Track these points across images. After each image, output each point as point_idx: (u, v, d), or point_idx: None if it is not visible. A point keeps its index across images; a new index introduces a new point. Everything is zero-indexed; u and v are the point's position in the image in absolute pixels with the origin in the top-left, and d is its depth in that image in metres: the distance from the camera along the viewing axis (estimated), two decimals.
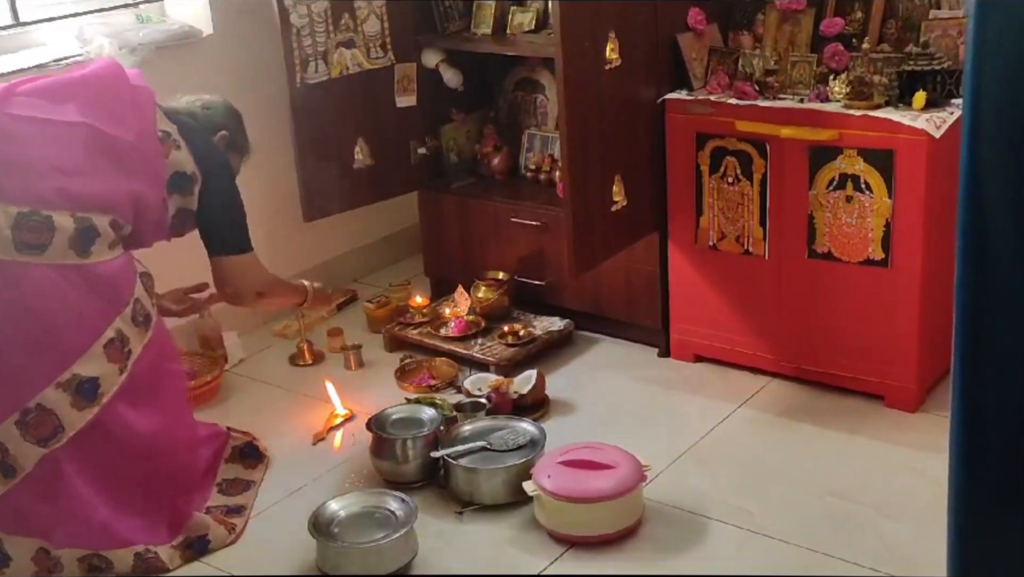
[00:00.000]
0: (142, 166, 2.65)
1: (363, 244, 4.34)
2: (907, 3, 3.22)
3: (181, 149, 2.72)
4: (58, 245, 2.47)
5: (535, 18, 3.70)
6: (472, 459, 2.88)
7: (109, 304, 2.56)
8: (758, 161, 3.14)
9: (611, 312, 3.63)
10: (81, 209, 2.51)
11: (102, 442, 2.57)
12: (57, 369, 2.48)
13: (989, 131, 1.09)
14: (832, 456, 2.97)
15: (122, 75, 2.72)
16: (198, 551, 2.73)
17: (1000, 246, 1.13)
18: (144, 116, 2.68)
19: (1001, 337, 1.16)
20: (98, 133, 2.58)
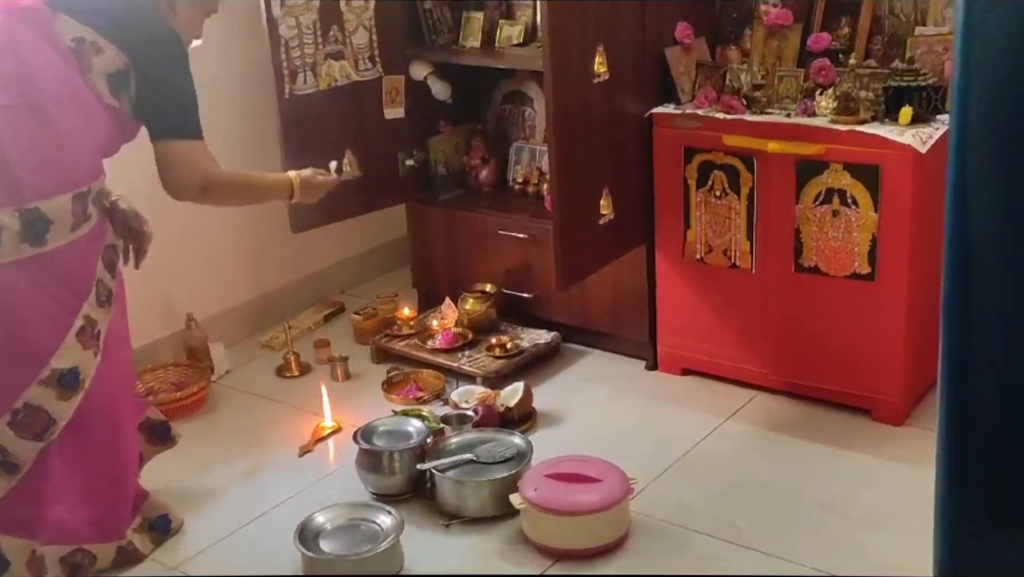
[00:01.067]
0: (71, 110, 2.44)
1: (351, 256, 4.34)
2: (893, 19, 3.25)
3: (103, 50, 2.47)
4: (8, 243, 2.38)
5: (523, 31, 3.71)
6: (459, 472, 2.88)
7: (74, 294, 2.50)
8: (745, 175, 3.16)
9: (598, 325, 3.63)
10: (27, 200, 2.39)
11: (84, 423, 2.57)
12: (36, 368, 2.48)
13: (976, 148, 1.10)
14: (819, 469, 2.98)
15: (8, 3, 2.44)
16: (162, 532, 2.78)
17: (987, 262, 1.14)
18: (47, 48, 2.42)
19: (988, 352, 1.17)
20: (11, 111, 2.38)
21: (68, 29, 2.47)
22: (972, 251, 1.15)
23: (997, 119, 1.09)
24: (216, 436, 3.32)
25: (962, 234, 1.14)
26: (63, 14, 2.47)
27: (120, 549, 2.69)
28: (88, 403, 2.56)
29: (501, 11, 3.81)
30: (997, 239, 1.13)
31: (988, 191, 1.12)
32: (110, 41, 2.49)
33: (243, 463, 3.17)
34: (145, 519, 2.78)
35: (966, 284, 1.16)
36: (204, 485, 3.05)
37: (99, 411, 2.60)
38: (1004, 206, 1.13)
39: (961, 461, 1.22)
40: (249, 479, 3.10)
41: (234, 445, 3.26)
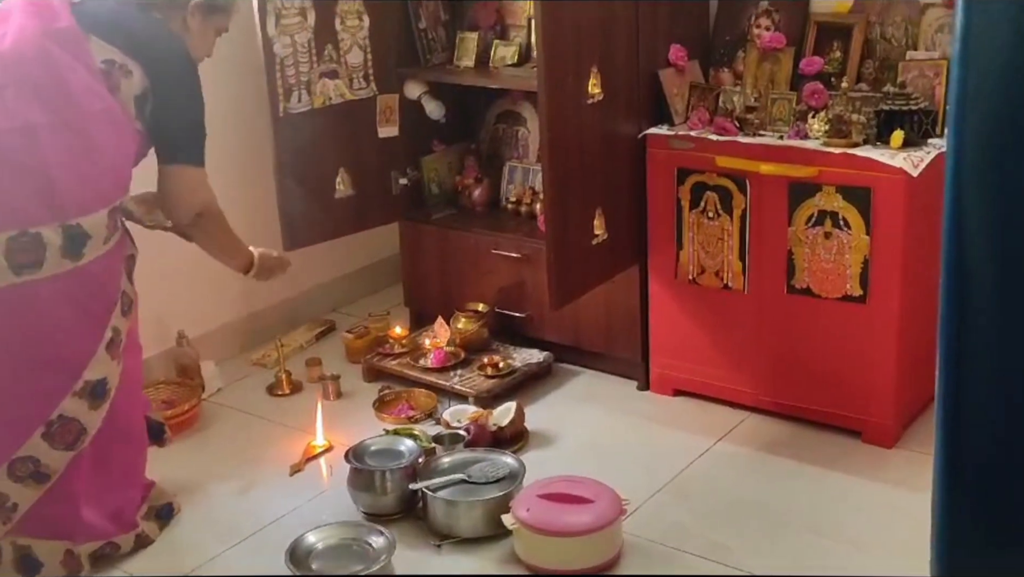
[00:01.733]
0: (104, 128, 2.51)
1: (343, 274, 4.34)
2: (884, 44, 3.28)
3: (131, 72, 2.56)
4: (51, 259, 2.47)
5: (518, 52, 3.73)
6: (451, 491, 2.87)
7: (104, 307, 2.59)
8: (738, 197, 3.17)
9: (591, 345, 3.64)
10: (71, 217, 2.46)
11: (110, 428, 2.66)
12: (71, 380, 2.55)
13: (971, 174, 1.11)
14: (810, 491, 2.98)
15: (46, 25, 2.48)
16: (166, 518, 2.91)
17: (983, 287, 1.15)
18: (81, 68, 2.48)
19: (984, 376, 1.17)
20: (52, 128, 2.43)
21: (99, 50, 2.54)
22: (968, 277, 1.16)
23: (993, 146, 1.10)
24: (207, 454, 3.30)
25: (958, 260, 1.15)
26: (94, 36, 2.54)
27: (137, 537, 2.81)
28: (111, 408, 2.64)
29: (495, 31, 3.83)
30: (992, 265, 1.14)
31: (984, 217, 1.13)
32: (136, 62, 2.57)
33: (234, 481, 3.15)
34: (151, 507, 2.89)
35: (963, 309, 1.17)
36: (194, 503, 3.04)
37: (119, 414, 2.68)
38: (1000, 231, 1.14)
39: (958, 482, 1.22)
40: (240, 498, 3.08)
41: (225, 463, 3.25)
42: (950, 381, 1.19)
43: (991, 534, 1.22)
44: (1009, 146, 1.08)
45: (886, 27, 3.27)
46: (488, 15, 3.82)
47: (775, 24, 3.38)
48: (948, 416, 1.21)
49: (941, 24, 3.17)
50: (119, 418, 2.69)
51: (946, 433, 1.22)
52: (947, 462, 1.22)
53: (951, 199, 1.14)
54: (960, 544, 1.23)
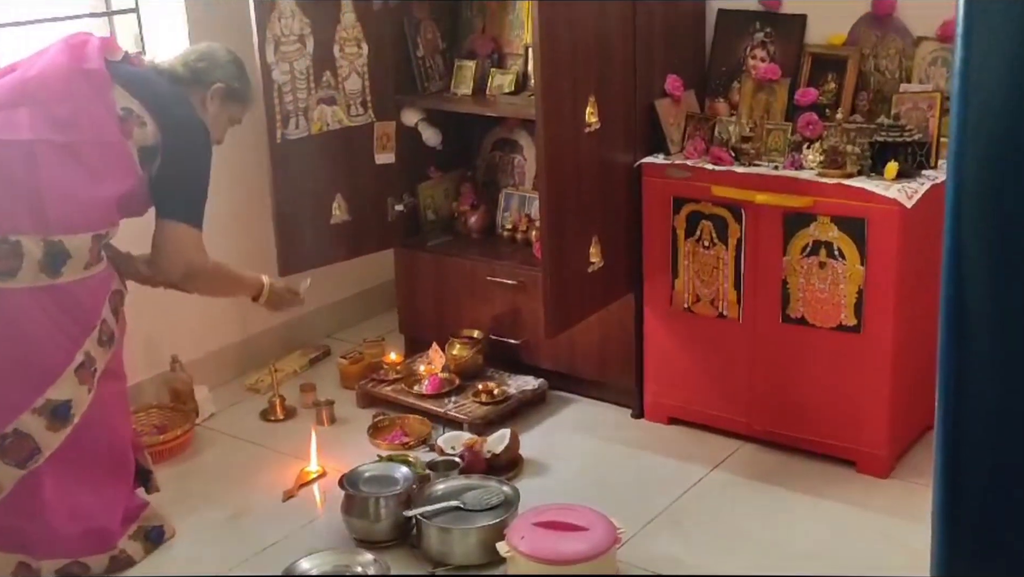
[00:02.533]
0: (107, 160, 2.60)
1: (338, 299, 4.34)
2: (878, 76, 3.31)
3: (146, 124, 2.66)
4: (28, 269, 2.49)
5: (515, 80, 3.75)
6: (445, 519, 2.86)
7: (80, 328, 2.59)
8: (733, 226, 3.18)
9: (585, 372, 3.64)
10: (54, 232, 2.51)
11: (76, 451, 2.64)
12: (32, 395, 2.54)
13: (971, 208, 1.12)
14: (804, 521, 2.98)
15: (75, 62, 2.62)
16: (155, 541, 2.88)
17: (982, 319, 1.16)
18: (101, 108, 2.60)
19: (983, 406, 1.18)
20: (54, 147, 2.52)
21: (121, 98, 2.66)
22: (968, 310, 1.17)
23: (992, 180, 1.11)
24: (199, 480, 3.29)
25: (958, 294, 1.16)
26: (119, 86, 2.66)
27: (112, 558, 2.78)
28: (81, 433, 2.62)
29: (492, 60, 3.85)
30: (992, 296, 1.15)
31: (983, 252, 1.14)
32: (152, 117, 2.67)
33: (226, 507, 3.14)
34: (141, 528, 2.87)
35: (962, 342, 1.18)
36: (186, 529, 3.02)
37: (92, 440, 2.66)
38: (999, 264, 1.15)
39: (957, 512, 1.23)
40: (232, 524, 3.07)
41: (217, 489, 3.24)
42: (949, 411, 1.20)
43: (991, 563, 1.22)
44: (1008, 180, 1.09)
45: (880, 59, 3.30)
46: (485, 44, 3.85)
47: (770, 55, 3.41)
48: (947, 446, 1.21)
49: (935, 57, 3.21)
50: (91, 444, 2.66)
51: (945, 463, 1.22)
52: (946, 492, 1.22)
53: (951, 232, 1.15)
54: (960, 574, 1.23)
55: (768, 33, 3.43)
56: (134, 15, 3.68)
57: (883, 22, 3.29)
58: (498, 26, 3.89)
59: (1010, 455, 1.17)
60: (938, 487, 1.25)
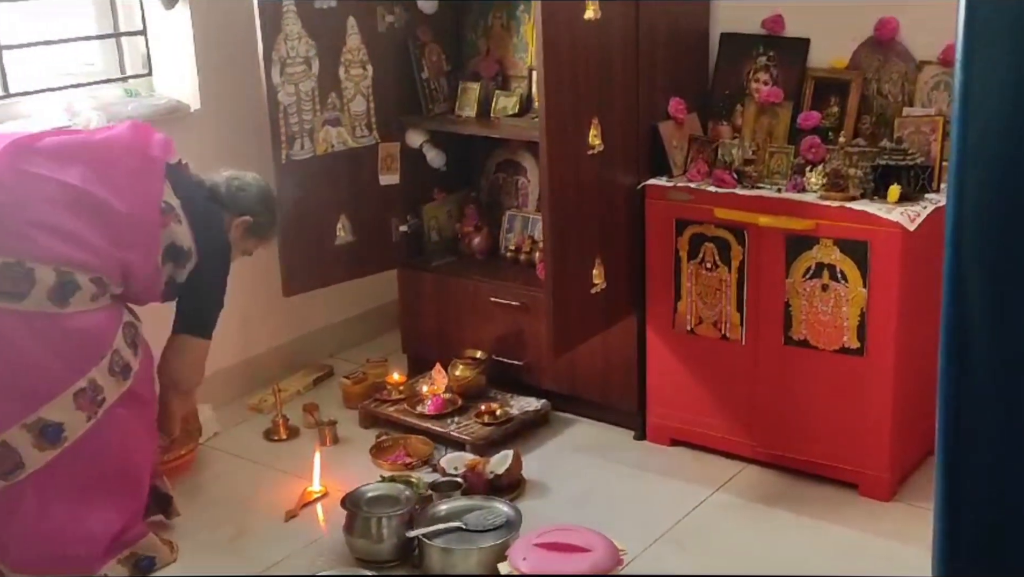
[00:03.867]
0: (134, 237, 2.70)
1: (341, 319, 4.35)
2: (881, 100, 3.33)
3: (181, 223, 2.79)
4: (36, 296, 2.53)
5: (519, 102, 3.77)
6: (447, 539, 2.86)
7: (83, 356, 2.61)
8: (736, 248, 3.19)
9: (588, 394, 3.64)
10: (64, 265, 2.57)
11: (67, 475, 2.63)
12: (23, 412, 2.55)
13: (971, 231, 1.13)
14: (806, 544, 2.97)
15: (138, 144, 2.78)
16: (143, 570, 2.84)
17: (982, 343, 1.16)
18: (148, 188, 2.74)
19: (984, 430, 1.18)
20: (93, 200, 2.63)
21: (167, 194, 2.78)
22: (968, 334, 1.17)
23: (992, 204, 1.12)
24: (202, 499, 3.29)
25: (958, 318, 1.17)
26: (170, 182, 2.79)
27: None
28: (73, 458, 2.61)
29: (497, 82, 3.88)
30: (992, 320, 1.15)
31: (983, 276, 1.15)
32: (189, 221, 2.79)
33: (229, 527, 3.14)
34: (133, 554, 2.84)
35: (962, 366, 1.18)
36: (188, 548, 3.02)
37: (91, 465, 2.66)
38: (999, 287, 1.16)
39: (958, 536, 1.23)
40: (235, 543, 3.07)
41: (220, 508, 3.24)
42: (949, 435, 1.21)
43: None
44: (1009, 204, 1.10)
45: (882, 83, 3.32)
46: (489, 66, 3.88)
47: (773, 79, 3.43)
48: (948, 470, 1.22)
49: (937, 81, 3.22)
50: (88, 469, 2.66)
51: (945, 488, 1.23)
52: (946, 516, 1.23)
53: (951, 254, 1.16)
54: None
55: (771, 57, 3.45)
56: (142, 37, 3.71)
57: (885, 46, 3.31)
58: (502, 48, 3.91)
59: (1010, 479, 1.17)
60: (938, 511, 1.25)
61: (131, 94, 3.64)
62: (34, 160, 2.63)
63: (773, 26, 3.47)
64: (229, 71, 3.71)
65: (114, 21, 3.68)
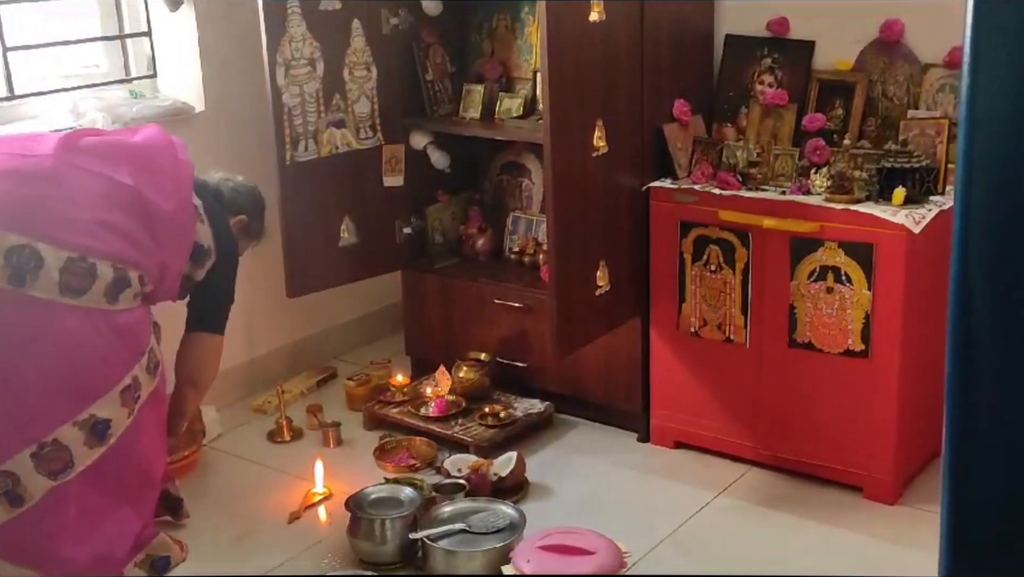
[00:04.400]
0: (174, 237, 2.74)
1: (344, 321, 4.35)
2: (886, 102, 3.32)
3: (204, 223, 2.82)
4: (95, 291, 2.55)
5: (523, 104, 3.77)
6: (451, 541, 2.86)
7: (131, 352, 2.64)
8: (740, 250, 3.19)
9: (591, 396, 3.64)
10: (119, 262, 2.60)
11: (102, 474, 2.64)
12: (77, 408, 2.55)
13: (978, 234, 1.13)
14: (810, 548, 2.97)
15: (170, 146, 2.83)
16: (161, 569, 2.85)
17: (989, 345, 1.16)
18: (183, 189, 2.78)
19: (990, 435, 1.18)
20: (144, 200, 2.66)
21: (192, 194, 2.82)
22: (974, 337, 1.17)
23: (999, 208, 1.12)
24: (205, 501, 3.29)
25: (965, 319, 1.16)
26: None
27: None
28: (112, 455, 2.62)
29: (501, 84, 3.87)
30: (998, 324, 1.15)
31: (990, 277, 1.14)
32: (209, 222, 2.83)
33: (232, 529, 3.14)
34: (148, 556, 2.85)
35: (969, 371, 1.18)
36: (192, 550, 3.01)
37: (121, 465, 2.66)
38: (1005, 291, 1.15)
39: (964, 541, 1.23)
40: (238, 545, 3.07)
41: (223, 510, 3.24)
42: (956, 438, 1.20)
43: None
44: (1016, 207, 1.10)
45: (887, 85, 3.32)
46: (494, 68, 3.87)
47: (778, 81, 3.43)
48: (954, 474, 1.21)
49: (942, 84, 3.22)
50: (118, 469, 2.66)
51: (952, 492, 1.22)
52: (953, 521, 1.22)
53: (958, 257, 1.16)
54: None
55: (776, 59, 3.45)
56: (147, 38, 3.71)
57: (891, 48, 3.31)
58: (507, 50, 3.91)
59: (1018, 483, 1.17)
60: (945, 515, 1.25)
61: (136, 95, 3.64)
62: (85, 157, 2.65)
63: (778, 28, 3.47)
64: (233, 73, 3.71)
65: (119, 23, 3.69)
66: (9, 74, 3.34)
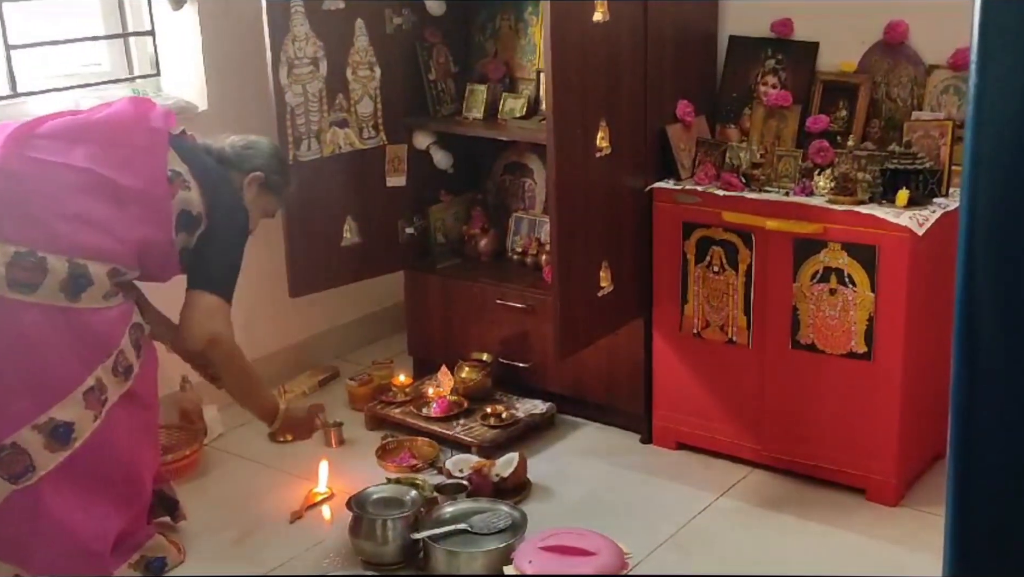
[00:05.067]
0: (148, 212, 2.68)
1: (347, 321, 4.34)
2: (890, 104, 3.32)
3: (191, 189, 2.76)
4: (48, 286, 2.52)
5: (526, 104, 3.76)
6: (453, 541, 2.85)
7: (93, 353, 2.61)
8: (743, 251, 3.19)
9: (593, 397, 3.64)
10: (78, 255, 2.56)
11: (76, 473, 2.63)
12: (36, 411, 2.54)
13: (984, 235, 1.13)
14: (812, 549, 2.96)
15: (140, 117, 2.76)
16: (156, 571, 2.85)
17: (995, 347, 1.16)
18: (154, 161, 2.71)
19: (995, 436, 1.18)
20: (102, 180, 2.62)
21: (173, 162, 2.75)
22: (980, 341, 1.17)
23: (1006, 209, 1.11)
24: (206, 500, 3.29)
25: (970, 321, 1.16)
26: (173, 150, 2.76)
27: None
28: (84, 455, 2.61)
29: (504, 84, 3.87)
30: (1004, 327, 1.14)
31: (995, 279, 1.14)
32: (199, 189, 2.77)
33: (233, 528, 3.14)
34: (143, 557, 2.85)
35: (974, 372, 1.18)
36: (193, 550, 3.02)
37: (96, 464, 2.65)
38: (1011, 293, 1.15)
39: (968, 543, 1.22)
40: (238, 545, 3.07)
41: (224, 510, 3.23)
42: (961, 441, 1.20)
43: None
44: (1022, 207, 1.10)
45: (891, 87, 3.31)
46: (497, 68, 3.87)
47: (781, 82, 3.43)
48: (959, 476, 1.21)
49: (946, 85, 3.21)
50: (93, 468, 2.65)
51: (957, 494, 1.22)
52: (958, 523, 1.22)
53: (964, 259, 1.16)
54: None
55: (779, 60, 3.45)
56: (150, 37, 3.71)
57: (895, 50, 3.30)
58: (510, 51, 3.91)
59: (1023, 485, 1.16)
60: (949, 518, 1.24)
61: (139, 94, 3.63)
62: (37, 146, 2.61)
63: (782, 29, 3.46)
64: (236, 72, 3.71)
65: (122, 21, 3.69)
66: (12, 72, 3.34)
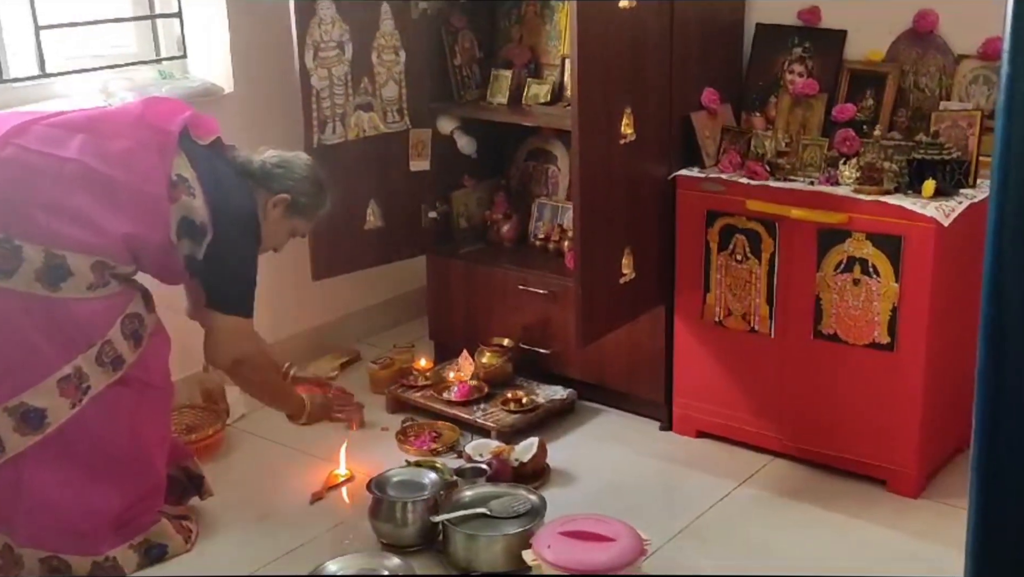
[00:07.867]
0: (140, 209, 2.65)
1: (368, 305, 4.36)
2: (918, 93, 3.29)
3: (195, 197, 2.71)
4: (24, 273, 2.53)
5: (551, 90, 3.76)
6: (472, 525, 2.86)
7: (71, 343, 2.61)
8: (767, 240, 3.17)
9: (614, 383, 3.64)
10: (57, 246, 2.55)
11: (61, 454, 2.65)
12: (7, 395, 2.57)
13: (1013, 229, 1.12)
14: (832, 540, 2.96)
15: (152, 115, 2.73)
16: (155, 558, 2.85)
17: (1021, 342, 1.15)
18: (156, 160, 2.67)
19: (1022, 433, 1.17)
20: (90, 172, 2.60)
21: (181, 166, 2.71)
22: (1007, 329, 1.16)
23: None
24: (228, 480, 3.31)
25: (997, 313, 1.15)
26: (184, 154, 2.72)
27: (95, 564, 2.75)
28: (66, 440, 2.63)
29: (529, 70, 3.86)
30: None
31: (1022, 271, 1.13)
32: (204, 195, 2.72)
33: (254, 508, 3.16)
34: (146, 540, 2.86)
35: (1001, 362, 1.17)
36: (214, 529, 3.05)
37: (86, 447, 2.68)
38: None
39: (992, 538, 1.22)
40: (259, 524, 3.09)
41: (246, 490, 3.26)
42: (986, 433, 1.19)
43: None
44: None
45: (919, 76, 3.29)
46: (522, 54, 3.86)
47: (808, 70, 3.41)
48: (984, 469, 1.20)
49: (976, 75, 3.19)
50: (82, 451, 2.67)
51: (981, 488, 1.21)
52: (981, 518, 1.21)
53: (992, 252, 1.15)
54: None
55: (807, 48, 3.43)
56: (177, 19, 3.73)
57: (924, 39, 3.28)
58: (535, 36, 3.90)
59: None
60: (973, 510, 1.24)
61: (165, 76, 3.66)
62: (29, 137, 2.61)
63: (809, 17, 3.44)
64: (263, 54, 3.72)
65: (150, 3, 3.71)
66: (41, 53, 3.36)
